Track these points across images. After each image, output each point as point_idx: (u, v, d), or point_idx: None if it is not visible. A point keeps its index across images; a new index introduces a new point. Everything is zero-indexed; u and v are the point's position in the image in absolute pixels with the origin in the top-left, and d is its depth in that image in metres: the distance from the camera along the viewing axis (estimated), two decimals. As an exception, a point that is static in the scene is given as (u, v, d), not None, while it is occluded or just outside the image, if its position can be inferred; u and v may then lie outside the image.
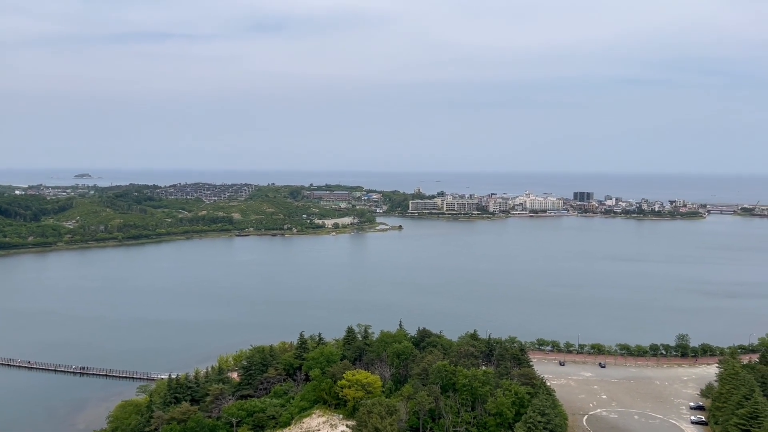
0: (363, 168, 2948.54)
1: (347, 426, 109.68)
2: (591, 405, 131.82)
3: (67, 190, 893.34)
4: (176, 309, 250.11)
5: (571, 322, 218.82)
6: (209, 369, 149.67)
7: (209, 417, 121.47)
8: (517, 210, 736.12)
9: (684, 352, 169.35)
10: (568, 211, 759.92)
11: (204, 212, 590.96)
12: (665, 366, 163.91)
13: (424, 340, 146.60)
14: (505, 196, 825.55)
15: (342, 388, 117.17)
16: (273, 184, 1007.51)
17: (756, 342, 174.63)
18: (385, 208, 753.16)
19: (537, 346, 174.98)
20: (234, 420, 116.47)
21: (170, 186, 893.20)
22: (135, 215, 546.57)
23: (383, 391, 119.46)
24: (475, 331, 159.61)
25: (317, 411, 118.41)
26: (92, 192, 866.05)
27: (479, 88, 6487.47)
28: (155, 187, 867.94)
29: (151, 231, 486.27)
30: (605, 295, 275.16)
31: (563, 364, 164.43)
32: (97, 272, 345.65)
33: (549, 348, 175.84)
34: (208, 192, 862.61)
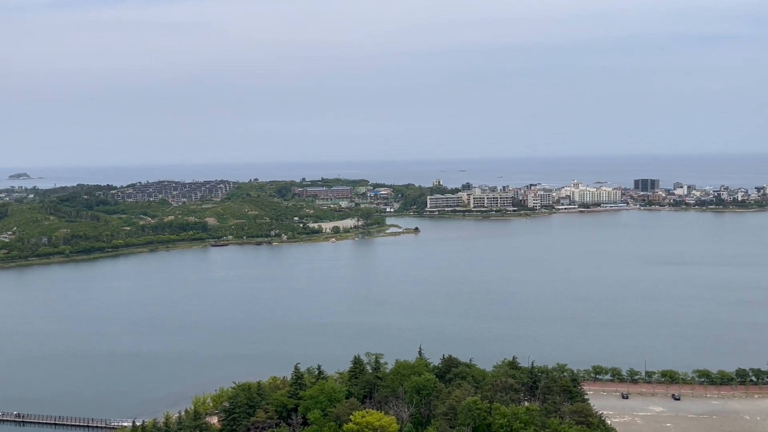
0: (368, 157, 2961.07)
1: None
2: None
3: (0, 195, 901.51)
4: (140, 339, 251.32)
5: (634, 344, 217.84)
6: (182, 413, 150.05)
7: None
8: (562, 204, 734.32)
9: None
10: (627, 203, 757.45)
11: (171, 217, 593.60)
12: (756, 396, 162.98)
13: (450, 370, 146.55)
14: (547, 187, 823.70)
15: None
16: (256, 180, 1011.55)
17: None
18: (396, 206, 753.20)
19: (593, 375, 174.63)
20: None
21: (128, 186, 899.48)
22: (85, 223, 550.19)
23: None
24: (513, 357, 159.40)
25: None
26: (31, 196, 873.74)
27: (506, 54, 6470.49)
28: (109, 187, 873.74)
29: (105, 243, 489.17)
30: (678, 310, 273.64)
31: (627, 397, 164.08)
32: (39, 295, 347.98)
33: (608, 377, 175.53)
34: (175, 192, 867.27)
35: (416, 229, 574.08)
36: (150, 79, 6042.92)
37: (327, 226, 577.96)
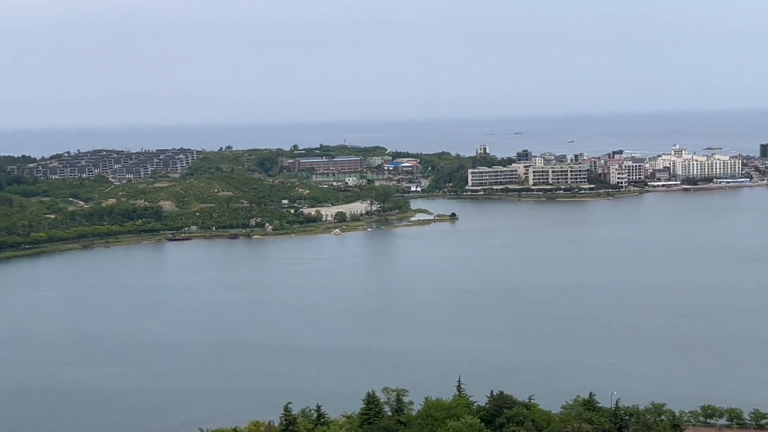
0: (385, 115, 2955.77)
1: None
2: None
3: None
4: (69, 369, 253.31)
5: (759, 377, 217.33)
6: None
7: None
8: (659, 180, 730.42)
9: None
10: (751, 177, 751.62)
11: (112, 201, 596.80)
12: None
13: (501, 412, 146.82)
14: (636, 156, 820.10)
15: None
16: (229, 148, 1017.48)
17: None
18: (425, 183, 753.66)
19: (702, 418, 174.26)
20: None
21: (52, 157, 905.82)
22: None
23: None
24: (590, 394, 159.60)
25: None
26: None
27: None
28: (26, 159, 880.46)
29: (22, 236, 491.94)
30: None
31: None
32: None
33: (724, 421, 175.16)
34: (117, 166, 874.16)
35: (453, 216, 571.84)
36: (78, 8, 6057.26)
37: (328, 212, 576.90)
